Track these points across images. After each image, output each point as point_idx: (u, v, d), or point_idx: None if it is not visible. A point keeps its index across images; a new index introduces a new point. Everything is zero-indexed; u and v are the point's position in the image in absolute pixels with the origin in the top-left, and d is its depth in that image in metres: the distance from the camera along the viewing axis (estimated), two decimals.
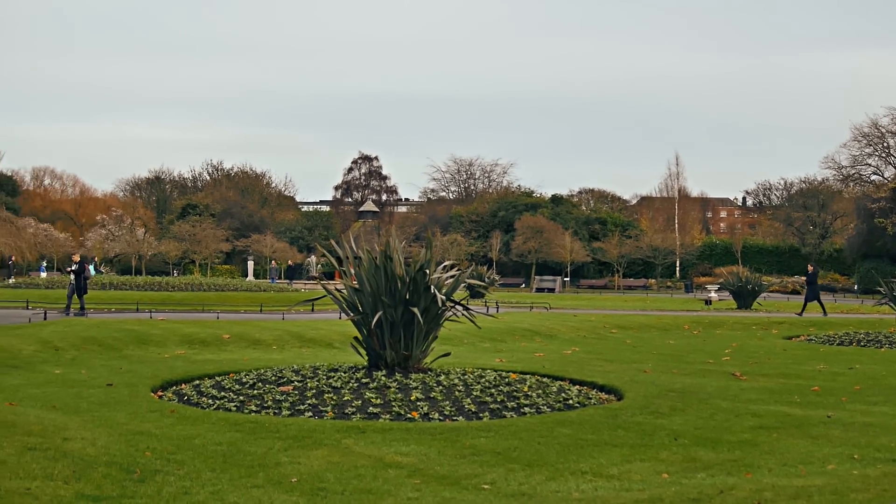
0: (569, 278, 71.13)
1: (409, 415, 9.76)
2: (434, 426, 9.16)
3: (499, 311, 30.03)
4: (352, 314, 12.22)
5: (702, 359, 17.30)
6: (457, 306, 12.24)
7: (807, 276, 34.54)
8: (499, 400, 10.55)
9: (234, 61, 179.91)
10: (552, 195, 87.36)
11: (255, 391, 10.98)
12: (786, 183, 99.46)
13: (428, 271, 11.68)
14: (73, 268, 27.29)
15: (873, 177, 69.26)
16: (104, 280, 38.56)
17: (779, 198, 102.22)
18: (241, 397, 10.71)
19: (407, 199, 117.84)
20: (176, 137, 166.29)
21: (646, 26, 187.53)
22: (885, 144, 68.57)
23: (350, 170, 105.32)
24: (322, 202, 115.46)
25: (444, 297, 11.82)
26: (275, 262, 64.94)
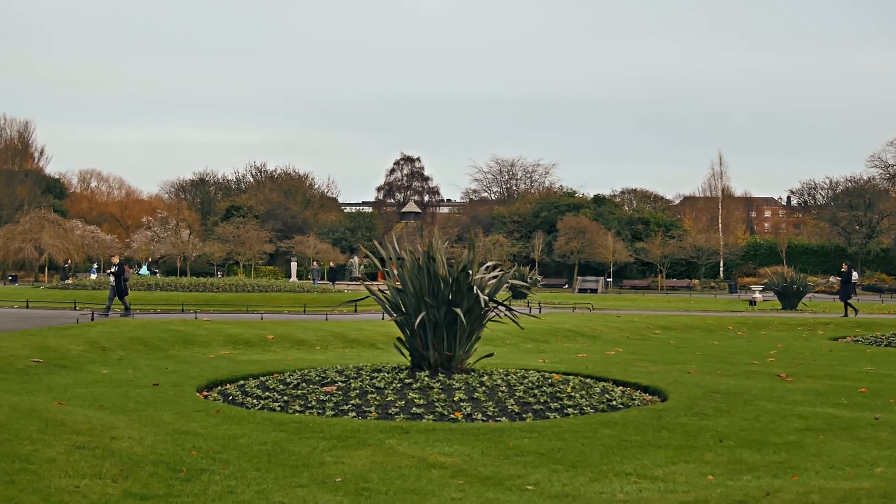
0: (611, 279, 70.87)
1: (452, 415, 9.77)
2: (477, 427, 9.16)
3: (541, 312, 29.99)
4: (395, 315, 12.24)
5: (746, 360, 17.14)
6: (499, 307, 12.22)
7: (841, 275, 34.12)
8: (542, 401, 10.53)
9: (278, 64, 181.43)
10: (594, 195, 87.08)
11: (299, 391, 11.04)
12: (831, 182, 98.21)
13: (471, 272, 11.68)
14: (113, 269, 27.63)
15: None
16: (149, 281, 39.04)
17: (824, 197, 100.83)
18: (286, 397, 10.78)
19: (449, 200, 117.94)
20: (220, 139, 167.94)
21: (689, 24, 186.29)
22: None
23: (392, 171, 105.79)
24: (364, 203, 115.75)
25: (486, 298, 11.81)
26: (316, 263, 65.23)
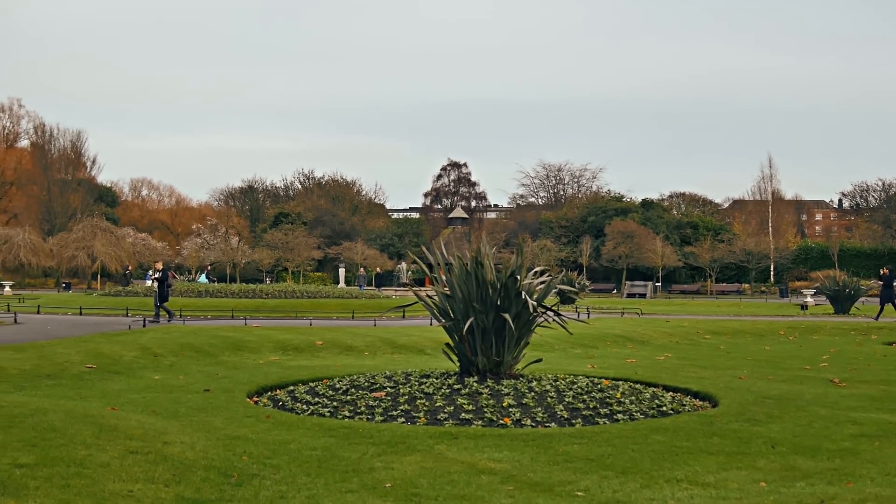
0: (660, 283, 70.39)
1: (501, 421, 9.75)
2: (527, 432, 9.14)
3: (590, 317, 29.83)
4: (443, 320, 12.25)
5: (798, 365, 16.92)
6: (548, 312, 12.18)
7: (882, 279, 33.57)
8: (591, 406, 10.47)
9: (324, 71, 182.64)
10: (642, 199, 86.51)
11: (349, 397, 11.08)
12: (884, 184, 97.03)
13: (519, 277, 11.65)
14: (157, 275, 27.90)
15: None
16: (199, 288, 39.42)
17: (876, 199, 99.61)
18: (335, 403, 10.83)
19: (496, 206, 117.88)
20: (268, 147, 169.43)
21: (743, 25, 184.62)
22: None
23: (439, 177, 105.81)
24: (411, 209, 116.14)
25: (535, 303, 11.78)
26: (363, 269, 65.51)
